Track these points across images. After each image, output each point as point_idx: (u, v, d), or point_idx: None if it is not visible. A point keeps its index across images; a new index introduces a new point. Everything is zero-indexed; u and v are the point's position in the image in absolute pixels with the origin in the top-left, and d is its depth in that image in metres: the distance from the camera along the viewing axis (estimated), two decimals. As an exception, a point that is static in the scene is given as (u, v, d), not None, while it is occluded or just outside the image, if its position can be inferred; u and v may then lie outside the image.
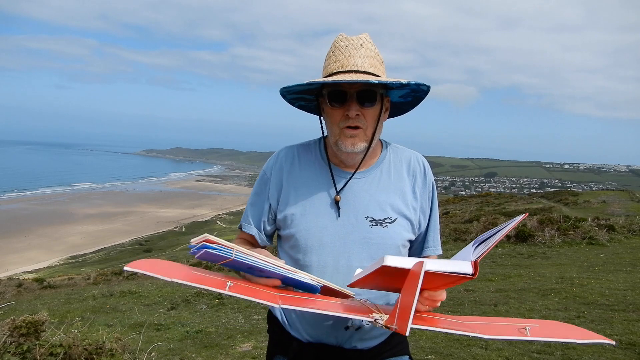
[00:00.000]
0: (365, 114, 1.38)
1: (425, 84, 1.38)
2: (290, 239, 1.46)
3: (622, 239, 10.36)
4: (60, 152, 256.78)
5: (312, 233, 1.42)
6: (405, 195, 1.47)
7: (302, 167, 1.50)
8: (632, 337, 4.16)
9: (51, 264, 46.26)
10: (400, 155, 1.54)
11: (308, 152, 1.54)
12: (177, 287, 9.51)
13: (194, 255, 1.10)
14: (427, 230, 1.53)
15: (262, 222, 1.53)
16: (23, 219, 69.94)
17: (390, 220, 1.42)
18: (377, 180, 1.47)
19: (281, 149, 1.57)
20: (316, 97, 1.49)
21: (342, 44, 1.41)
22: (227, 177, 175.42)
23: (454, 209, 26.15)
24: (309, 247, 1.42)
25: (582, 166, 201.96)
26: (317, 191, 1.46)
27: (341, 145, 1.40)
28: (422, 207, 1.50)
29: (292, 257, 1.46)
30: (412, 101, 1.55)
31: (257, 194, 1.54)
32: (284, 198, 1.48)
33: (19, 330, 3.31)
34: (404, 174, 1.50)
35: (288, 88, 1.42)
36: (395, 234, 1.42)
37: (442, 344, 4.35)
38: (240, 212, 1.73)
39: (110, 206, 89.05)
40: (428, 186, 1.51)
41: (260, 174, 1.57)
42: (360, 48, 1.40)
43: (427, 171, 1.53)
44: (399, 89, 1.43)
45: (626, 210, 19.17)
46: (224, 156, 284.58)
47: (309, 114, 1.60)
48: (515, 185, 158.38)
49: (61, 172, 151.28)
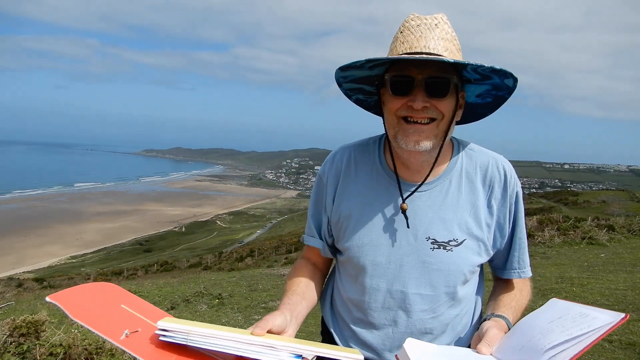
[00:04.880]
0: (438, 106, 1.12)
1: (514, 75, 1.12)
2: (343, 253, 1.32)
3: (622, 239, 10.36)
4: (61, 152, 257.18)
5: (364, 251, 1.24)
6: (478, 210, 1.22)
7: (357, 172, 1.30)
8: (632, 337, 4.16)
9: (51, 264, 46.28)
10: (476, 160, 1.27)
11: (365, 154, 1.31)
12: (177, 287, 9.53)
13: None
14: (510, 250, 1.29)
15: (323, 233, 1.36)
16: (34, 217, 70.10)
17: (456, 242, 1.20)
18: (445, 193, 1.23)
19: (337, 150, 1.36)
20: (377, 88, 1.24)
21: (413, 23, 1.17)
22: (227, 177, 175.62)
23: (454, 209, 26.19)
24: (360, 267, 1.25)
25: (582, 166, 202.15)
26: (372, 202, 1.25)
27: (401, 141, 1.15)
28: (499, 222, 1.25)
29: (347, 273, 1.32)
30: (490, 103, 1.28)
31: (314, 203, 1.37)
32: (336, 207, 1.30)
33: (19, 330, 3.32)
34: (479, 184, 1.24)
35: (345, 68, 1.16)
36: (461, 259, 1.20)
37: (442, 344, 4.35)
38: (240, 212, 1.73)
39: (119, 204, 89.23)
40: (509, 198, 1.24)
41: (316, 179, 1.38)
42: (435, 28, 1.15)
43: (510, 179, 1.25)
44: (479, 83, 1.19)
45: (626, 210, 19.20)
46: (224, 156, 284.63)
47: (372, 114, 1.34)
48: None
49: (62, 171, 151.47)
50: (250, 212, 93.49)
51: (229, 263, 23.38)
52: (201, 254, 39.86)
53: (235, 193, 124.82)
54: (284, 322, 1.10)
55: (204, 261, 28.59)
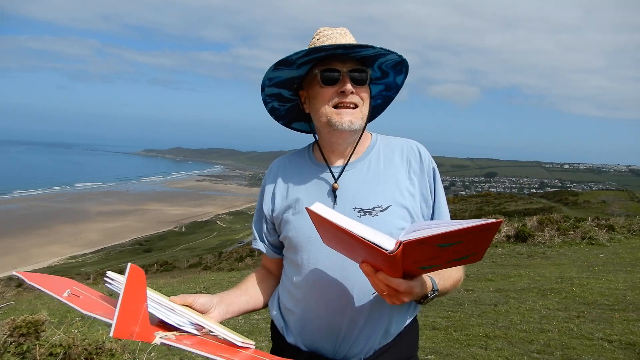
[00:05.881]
0: (359, 93, 1.33)
1: (406, 65, 1.38)
2: (285, 241, 1.43)
3: (622, 239, 10.36)
4: (61, 152, 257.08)
5: (302, 231, 1.36)
6: (399, 182, 1.37)
7: (293, 172, 1.47)
8: (632, 337, 4.16)
9: (51, 264, 46.27)
10: (392, 143, 1.46)
11: (298, 156, 1.51)
12: (177, 287, 9.52)
13: None
14: (432, 217, 1.42)
15: (263, 233, 1.51)
16: (35, 217, 70.02)
17: (381, 208, 1.32)
18: (366, 169, 1.39)
19: (273, 162, 1.55)
20: (295, 92, 1.44)
21: (326, 32, 1.38)
22: (227, 177, 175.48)
23: (454, 209, 26.16)
24: (299, 245, 1.36)
25: (582, 166, 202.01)
26: (305, 189, 1.41)
27: (337, 123, 1.32)
28: (423, 194, 1.39)
29: (289, 259, 1.43)
30: (380, 104, 1.54)
31: (257, 210, 1.53)
32: (278, 204, 1.44)
33: (19, 330, 3.32)
34: (397, 160, 1.41)
35: (280, 63, 1.31)
36: (387, 222, 1.30)
37: (442, 344, 4.35)
38: (240, 212, 1.74)
39: (119, 204, 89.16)
40: (427, 171, 1.40)
41: (259, 191, 1.55)
42: (345, 35, 1.38)
43: (424, 156, 1.42)
44: (376, 83, 1.44)
45: (626, 210, 19.20)
46: (224, 156, 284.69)
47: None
48: (515, 185, 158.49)
49: (63, 171, 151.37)
50: (250, 212, 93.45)
51: (229, 263, 23.37)
52: (201, 254, 39.83)
53: (235, 193, 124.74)
54: (208, 304, 1.25)
55: (204, 261, 28.57)
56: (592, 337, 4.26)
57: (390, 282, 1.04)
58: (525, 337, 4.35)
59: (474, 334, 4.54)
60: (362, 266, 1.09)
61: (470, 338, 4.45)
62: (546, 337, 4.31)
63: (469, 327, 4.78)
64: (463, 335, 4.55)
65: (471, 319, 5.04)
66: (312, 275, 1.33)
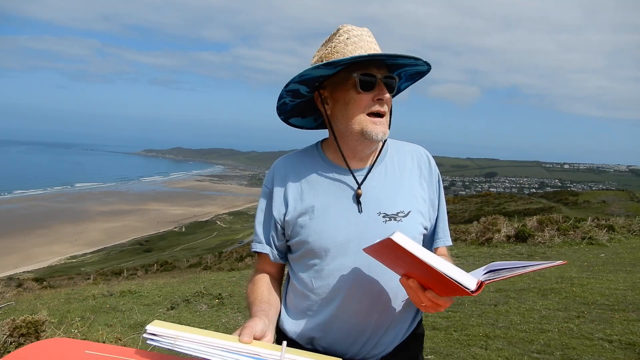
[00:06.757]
0: (388, 101, 1.33)
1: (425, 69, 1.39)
2: (302, 246, 1.37)
3: (622, 239, 10.36)
4: (62, 152, 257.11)
5: (325, 235, 1.32)
6: (413, 187, 1.41)
7: (306, 173, 1.41)
8: (632, 337, 4.16)
9: (51, 263, 46.27)
10: (403, 148, 1.48)
11: (308, 156, 1.45)
12: (177, 287, 9.52)
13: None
14: (436, 222, 1.47)
15: (271, 237, 1.44)
16: (35, 217, 69.99)
17: (404, 214, 1.35)
18: (384, 174, 1.40)
19: (277, 161, 1.49)
20: (313, 90, 1.38)
21: (355, 32, 1.34)
22: (227, 177, 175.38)
23: (453, 209, 26.15)
24: (322, 250, 1.33)
25: (582, 166, 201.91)
26: (324, 193, 1.37)
27: (371, 133, 1.30)
28: (431, 198, 1.44)
29: (305, 264, 1.38)
30: None
31: (261, 210, 1.46)
32: (292, 207, 1.38)
33: (19, 330, 3.32)
34: (409, 166, 1.44)
35: (305, 73, 1.28)
36: (410, 228, 1.34)
37: (442, 344, 4.35)
38: (240, 212, 1.73)
39: (119, 204, 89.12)
40: (434, 177, 1.46)
41: (262, 190, 1.49)
42: (371, 38, 1.37)
43: (432, 162, 1.48)
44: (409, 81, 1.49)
45: (626, 210, 19.20)
46: (224, 156, 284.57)
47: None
48: (515, 185, 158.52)
49: (63, 171, 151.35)
50: (250, 212, 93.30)
51: (229, 263, 23.34)
52: (201, 254, 39.82)
53: (235, 193, 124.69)
54: (265, 328, 1.16)
55: (204, 261, 28.55)
56: (592, 337, 4.26)
57: (438, 300, 1.11)
58: (525, 337, 4.35)
59: (474, 334, 4.54)
60: (409, 281, 1.13)
61: (470, 338, 4.45)
62: (546, 337, 4.31)
63: (469, 327, 4.78)
64: (463, 335, 4.55)
65: (471, 319, 5.04)
66: (337, 281, 1.32)
